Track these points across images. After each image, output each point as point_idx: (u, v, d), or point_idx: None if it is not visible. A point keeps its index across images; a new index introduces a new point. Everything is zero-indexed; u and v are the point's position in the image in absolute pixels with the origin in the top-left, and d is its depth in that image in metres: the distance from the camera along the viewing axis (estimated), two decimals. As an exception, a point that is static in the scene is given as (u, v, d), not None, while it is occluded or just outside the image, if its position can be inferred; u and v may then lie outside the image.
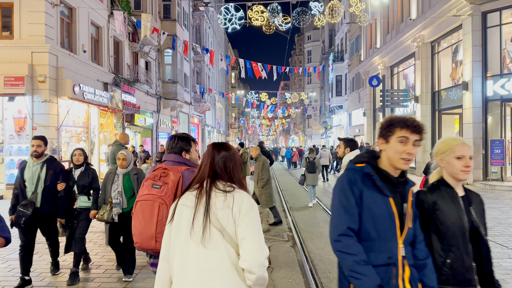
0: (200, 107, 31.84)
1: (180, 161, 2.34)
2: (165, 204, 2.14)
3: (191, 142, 2.46)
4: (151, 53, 20.73)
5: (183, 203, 1.71)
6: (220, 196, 1.65)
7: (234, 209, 1.62)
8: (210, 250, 1.58)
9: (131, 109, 16.44)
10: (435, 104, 16.64)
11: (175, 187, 2.19)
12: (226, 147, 1.80)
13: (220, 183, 1.70)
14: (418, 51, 17.15)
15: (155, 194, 2.17)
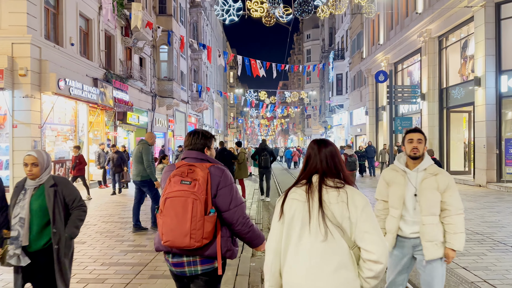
0: (197, 106, 31.01)
1: (203, 158, 2.28)
2: (198, 200, 2.06)
3: (212, 139, 2.41)
4: (146, 49, 19.89)
5: (293, 197, 1.78)
6: (332, 192, 1.72)
7: (350, 204, 1.69)
8: (325, 244, 1.66)
9: (124, 106, 15.60)
10: (443, 102, 15.87)
11: (205, 183, 2.12)
12: (331, 143, 1.86)
13: (328, 179, 1.76)
14: (424, 46, 16.37)
15: (187, 190, 2.08)
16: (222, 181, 2.18)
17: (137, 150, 6.53)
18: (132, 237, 6.40)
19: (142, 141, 6.64)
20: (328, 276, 1.63)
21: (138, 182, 6.62)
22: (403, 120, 12.92)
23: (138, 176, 6.57)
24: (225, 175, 2.22)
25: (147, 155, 6.48)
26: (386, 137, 21.35)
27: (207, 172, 2.17)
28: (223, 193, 2.17)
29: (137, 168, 6.53)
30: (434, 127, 15.93)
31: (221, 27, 52.30)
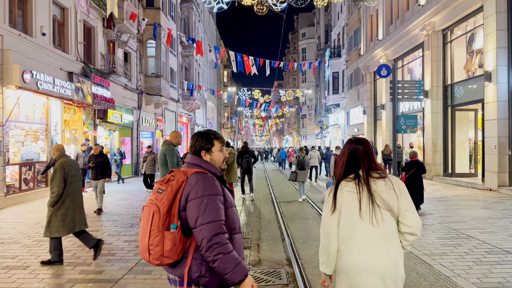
0: (188, 105, 29.81)
1: (195, 163, 2.00)
2: (158, 212, 1.82)
3: (213, 140, 2.06)
4: (131, 43, 18.69)
5: (347, 190, 2.07)
6: (379, 181, 2.06)
7: (396, 189, 2.04)
8: (377, 228, 1.99)
9: (104, 103, 14.39)
10: (447, 99, 14.86)
11: (173, 193, 1.87)
12: (366, 142, 2.20)
13: (373, 172, 2.09)
14: (427, 41, 15.36)
15: (154, 199, 1.87)
16: (192, 191, 1.87)
17: (161, 152, 5.93)
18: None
19: (166, 141, 6.06)
20: (387, 255, 1.97)
21: None
22: (407, 118, 11.89)
23: None
24: (199, 185, 1.88)
25: (172, 156, 5.78)
26: (386, 137, 20.35)
27: (183, 180, 1.91)
28: (191, 205, 1.86)
29: (162, 171, 5.93)
30: (438, 126, 14.92)
31: (214, 24, 51.10)
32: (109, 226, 7.18)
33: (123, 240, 6.14)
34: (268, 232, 6.86)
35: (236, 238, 1.96)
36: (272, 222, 7.68)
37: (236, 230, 1.97)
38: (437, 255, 5.15)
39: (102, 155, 8.57)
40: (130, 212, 8.68)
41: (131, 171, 18.79)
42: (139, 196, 11.47)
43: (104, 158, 8.58)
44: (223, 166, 2.07)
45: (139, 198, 11.04)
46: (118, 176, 15.54)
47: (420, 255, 5.18)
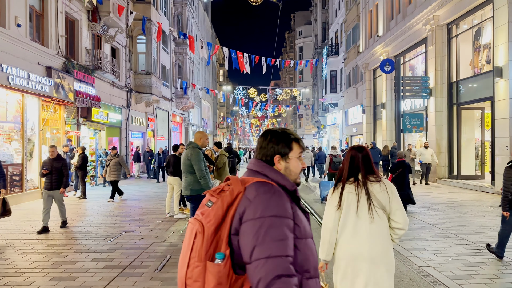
0: (182, 104, 28.88)
1: (258, 171, 1.45)
2: (201, 233, 1.31)
3: (292, 143, 1.50)
4: (120, 39, 17.75)
5: (348, 191, 2.47)
6: (375, 184, 2.45)
7: (388, 191, 2.45)
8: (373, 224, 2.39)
9: (88, 101, 13.46)
10: (453, 97, 14.07)
11: (223, 208, 1.33)
12: (366, 149, 2.56)
13: (370, 176, 2.47)
14: (431, 35, 14.57)
15: (199, 214, 1.37)
16: (249, 209, 1.30)
17: (185, 156, 5.12)
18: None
19: (191, 144, 5.24)
20: (379, 246, 2.39)
21: (187, 197, 5.27)
22: (412, 117, 11.07)
23: (187, 190, 5.14)
24: (259, 200, 1.31)
25: (198, 162, 4.95)
26: (386, 137, 19.55)
27: (239, 191, 1.35)
28: (246, 229, 1.28)
29: (187, 180, 5.14)
30: (443, 125, 14.12)
31: (209, 22, 50.19)
32: (80, 239, 6.29)
33: (91, 258, 5.25)
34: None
35: (310, 285, 1.36)
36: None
37: (310, 272, 1.37)
38: (462, 279, 4.31)
39: (59, 159, 7.04)
40: (108, 221, 7.79)
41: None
42: (122, 202, 10.56)
43: (61, 164, 6.98)
44: (299, 179, 1.54)
45: (123, 204, 10.14)
46: (104, 179, 14.61)
47: (441, 278, 4.34)
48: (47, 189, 6.97)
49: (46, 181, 6.99)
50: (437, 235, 6.35)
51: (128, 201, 10.58)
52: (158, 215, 8.36)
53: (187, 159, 5.04)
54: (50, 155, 6.95)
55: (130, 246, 5.82)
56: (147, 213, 8.63)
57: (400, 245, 5.66)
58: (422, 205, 9.23)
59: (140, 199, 10.94)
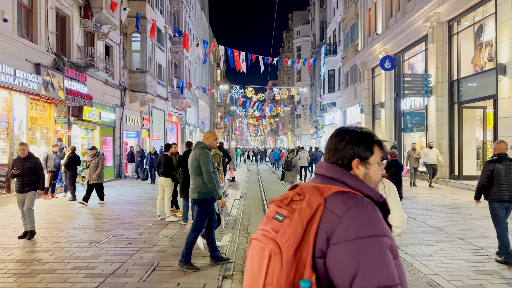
0: (178, 104, 28.48)
1: (335, 177, 1.20)
2: (279, 255, 1.06)
3: (374, 145, 1.26)
4: (113, 36, 17.35)
5: None
6: None
7: (386, 189, 2.53)
8: None
9: (79, 100, 13.06)
10: (454, 96, 13.76)
11: (303, 225, 1.09)
12: None
13: None
14: (432, 33, 14.25)
15: (269, 230, 1.11)
16: (341, 227, 1.06)
17: (193, 157, 4.82)
18: None
19: (199, 144, 4.91)
20: None
21: (194, 200, 4.90)
22: (413, 116, 10.75)
23: (194, 192, 4.81)
24: (352, 216, 1.06)
25: (207, 163, 4.70)
26: (385, 137, 19.25)
27: (319, 204, 1.10)
28: (339, 253, 1.05)
29: (195, 182, 4.83)
30: (443, 125, 13.81)
31: (206, 21, 49.80)
32: (63, 245, 5.90)
33: (72, 265, 4.88)
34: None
35: None
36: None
37: None
38: (473, 289, 3.97)
39: (31, 158, 6.34)
40: (96, 224, 7.40)
41: (113, 173, 17.45)
42: (113, 203, 10.17)
43: (34, 163, 6.31)
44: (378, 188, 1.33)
45: (113, 206, 9.75)
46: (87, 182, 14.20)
47: (450, 288, 3.99)
48: (19, 191, 6.29)
49: (17, 183, 6.32)
50: (442, 239, 6.01)
51: (119, 203, 10.20)
52: (149, 218, 7.99)
53: (195, 160, 4.75)
54: (21, 154, 6.29)
55: (115, 252, 5.44)
56: (138, 216, 8.25)
57: (404, 251, 5.31)
58: (424, 206, 8.90)
59: (132, 201, 10.55)
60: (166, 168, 7.77)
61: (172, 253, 5.38)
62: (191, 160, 4.82)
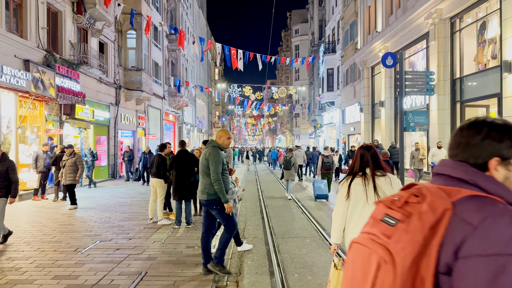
0: (175, 102, 28.10)
1: (465, 179, 0.98)
2: (391, 264, 0.91)
3: None
4: (108, 33, 16.97)
5: (357, 183, 2.83)
6: (381, 178, 2.82)
7: (392, 184, 2.80)
8: None
9: (71, 98, 12.68)
10: (456, 95, 13.45)
11: (423, 232, 0.91)
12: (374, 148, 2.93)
13: (377, 171, 2.83)
14: (433, 30, 13.93)
15: (380, 236, 0.97)
16: (472, 240, 0.87)
17: (203, 156, 4.52)
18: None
19: (211, 142, 4.59)
20: None
21: (204, 201, 4.54)
22: (416, 114, 10.42)
23: (203, 194, 4.49)
24: (489, 227, 0.86)
25: (215, 163, 4.39)
26: (385, 136, 18.94)
27: (445, 208, 0.92)
28: (469, 270, 0.86)
29: (203, 182, 4.50)
30: (445, 124, 13.50)
31: (204, 20, 49.39)
32: (46, 251, 5.54)
33: (53, 275, 4.51)
34: (252, 258, 5.30)
35: None
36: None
37: None
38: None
39: (3, 160, 5.70)
40: (84, 228, 7.04)
41: (108, 173, 17.07)
42: (105, 205, 9.81)
43: (6, 167, 5.65)
44: None
45: (104, 208, 9.39)
46: (90, 180, 13.85)
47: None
48: None
49: None
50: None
51: (111, 205, 9.83)
52: (140, 221, 7.63)
53: (204, 159, 4.45)
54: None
55: (101, 259, 5.08)
56: (129, 219, 7.89)
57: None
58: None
59: (125, 202, 10.18)
60: (158, 169, 7.42)
61: (162, 261, 5.03)
62: (201, 159, 4.53)
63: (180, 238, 6.22)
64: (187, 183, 6.97)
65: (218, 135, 4.64)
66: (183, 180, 6.96)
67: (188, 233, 6.56)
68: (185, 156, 7.09)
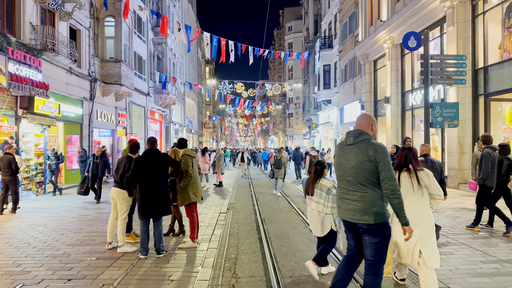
0: (161, 100, 26.06)
1: None
2: None
3: None
4: (81, 18, 14.91)
5: (404, 176, 3.64)
6: (421, 172, 3.62)
7: (429, 175, 3.63)
8: (421, 197, 3.58)
9: (30, 89, 10.63)
10: (478, 87, 11.77)
11: None
12: (413, 148, 3.78)
13: (418, 166, 3.65)
14: (451, 14, 12.24)
15: None
16: None
17: (361, 156, 2.96)
18: None
19: (363, 135, 3.02)
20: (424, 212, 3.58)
21: (367, 226, 2.97)
22: (445, 107, 8.68)
23: (367, 214, 2.93)
24: None
25: (388, 165, 2.89)
26: (391, 136, 17.25)
27: None
28: None
29: (366, 196, 2.95)
30: (466, 121, 11.80)
31: (194, 15, 47.38)
32: None
33: None
34: None
35: None
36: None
37: None
38: None
39: None
40: (11, 257, 5.05)
41: (80, 177, 14.97)
42: (61, 220, 7.80)
43: None
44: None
45: (57, 225, 7.39)
46: (54, 186, 11.80)
47: None
48: None
49: None
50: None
51: (68, 219, 7.83)
52: (96, 246, 5.67)
53: (366, 161, 2.92)
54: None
55: (5, 327, 3.14)
56: (82, 242, 5.92)
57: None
58: (461, 230, 6.75)
59: (87, 216, 8.19)
60: (123, 177, 5.47)
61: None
62: (358, 160, 2.95)
63: (145, 277, 4.31)
64: (157, 193, 5.05)
65: (367, 121, 3.10)
66: (151, 190, 5.04)
67: (160, 268, 4.64)
68: (154, 157, 5.15)
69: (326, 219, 4.22)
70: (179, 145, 6.07)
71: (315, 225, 4.31)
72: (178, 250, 5.39)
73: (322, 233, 4.22)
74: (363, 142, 2.97)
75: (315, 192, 4.32)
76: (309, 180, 4.44)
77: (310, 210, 4.39)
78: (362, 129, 3.09)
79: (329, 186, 4.24)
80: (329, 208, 4.17)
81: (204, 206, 9.38)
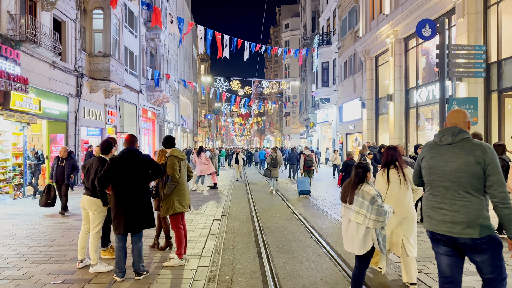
0: (154, 98, 25.12)
1: None
2: None
3: None
4: (67, 9, 13.97)
5: (393, 173, 4.00)
6: (406, 169, 3.97)
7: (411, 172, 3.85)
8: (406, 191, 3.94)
9: (6, 82, 9.70)
10: (491, 83, 11.01)
11: None
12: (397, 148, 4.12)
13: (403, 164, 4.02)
14: (461, 5, 11.46)
15: None
16: None
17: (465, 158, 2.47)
18: None
19: (462, 133, 2.53)
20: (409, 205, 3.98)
21: (471, 241, 2.47)
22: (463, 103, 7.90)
23: (471, 227, 2.45)
24: None
25: (497, 168, 2.41)
26: (394, 135, 16.47)
27: None
28: None
29: (470, 206, 2.47)
30: (478, 118, 11.02)
31: (189, 13, 46.38)
32: None
33: None
34: None
35: None
36: None
37: None
38: None
39: None
40: None
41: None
42: (33, 230, 6.90)
43: None
44: None
45: (27, 235, 6.49)
46: (34, 189, 10.88)
47: None
48: None
49: None
50: None
51: (43, 229, 6.93)
52: (66, 263, 4.80)
53: (474, 163, 2.45)
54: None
55: None
56: (50, 258, 5.05)
57: None
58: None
59: (63, 225, 7.29)
60: (94, 183, 4.59)
61: None
62: (461, 163, 2.50)
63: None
64: (135, 202, 4.19)
65: (464, 118, 2.67)
66: (128, 198, 4.17)
67: (135, 294, 3.78)
68: (132, 159, 4.27)
69: (368, 234, 3.35)
70: (165, 144, 5.19)
71: (351, 240, 3.42)
72: (162, 269, 4.53)
73: (361, 250, 3.36)
74: (465, 141, 2.45)
75: (355, 200, 3.42)
76: (347, 185, 3.51)
77: (347, 222, 3.52)
78: (459, 126, 2.55)
79: (374, 194, 3.37)
80: (372, 221, 3.29)
81: (196, 212, 8.52)
